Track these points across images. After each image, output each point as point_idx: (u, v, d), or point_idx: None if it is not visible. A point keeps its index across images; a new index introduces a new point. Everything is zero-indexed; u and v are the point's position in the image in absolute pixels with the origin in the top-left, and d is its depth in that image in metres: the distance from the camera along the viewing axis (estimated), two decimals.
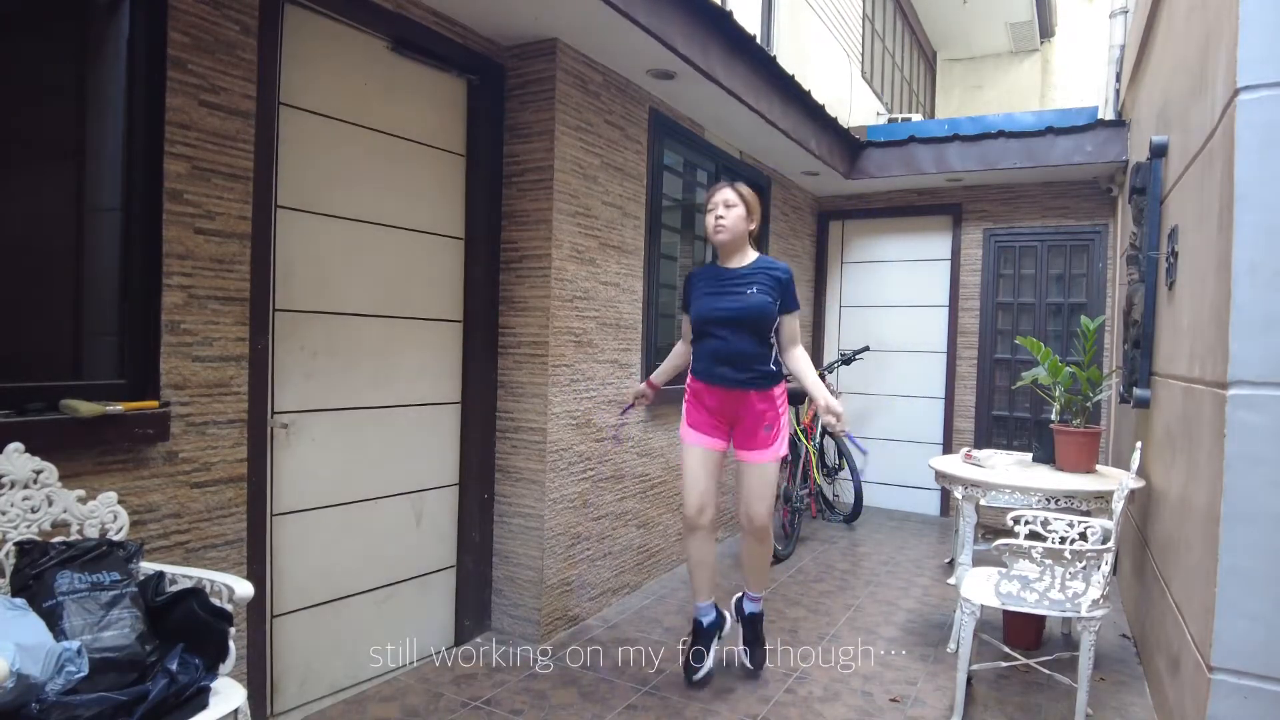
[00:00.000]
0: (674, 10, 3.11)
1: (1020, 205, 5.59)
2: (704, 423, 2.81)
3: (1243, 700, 1.79)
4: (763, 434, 2.74)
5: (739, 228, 2.77)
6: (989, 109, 10.48)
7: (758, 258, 2.84)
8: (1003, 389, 5.69)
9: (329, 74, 2.61)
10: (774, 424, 2.76)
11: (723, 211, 2.76)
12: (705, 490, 2.79)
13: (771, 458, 2.76)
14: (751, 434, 2.76)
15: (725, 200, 2.77)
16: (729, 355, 2.73)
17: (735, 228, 2.76)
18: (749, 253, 2.84)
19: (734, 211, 2.76)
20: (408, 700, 2.69)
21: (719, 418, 2.80)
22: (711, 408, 2.79)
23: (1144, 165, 3.17)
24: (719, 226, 2.76)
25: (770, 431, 2.75)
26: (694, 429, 2.83)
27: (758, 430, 2.74)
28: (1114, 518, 2.60)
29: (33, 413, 1.81)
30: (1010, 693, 2.89)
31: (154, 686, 1.49)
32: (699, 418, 2.82)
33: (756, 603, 2.98)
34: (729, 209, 2.76)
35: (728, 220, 2.75)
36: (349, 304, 2.70)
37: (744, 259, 2.83)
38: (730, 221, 2.75)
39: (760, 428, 2.74)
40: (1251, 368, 1.78)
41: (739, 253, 2.83)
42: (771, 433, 2.75)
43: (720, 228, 2.76)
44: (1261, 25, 1.79)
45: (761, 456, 2.75)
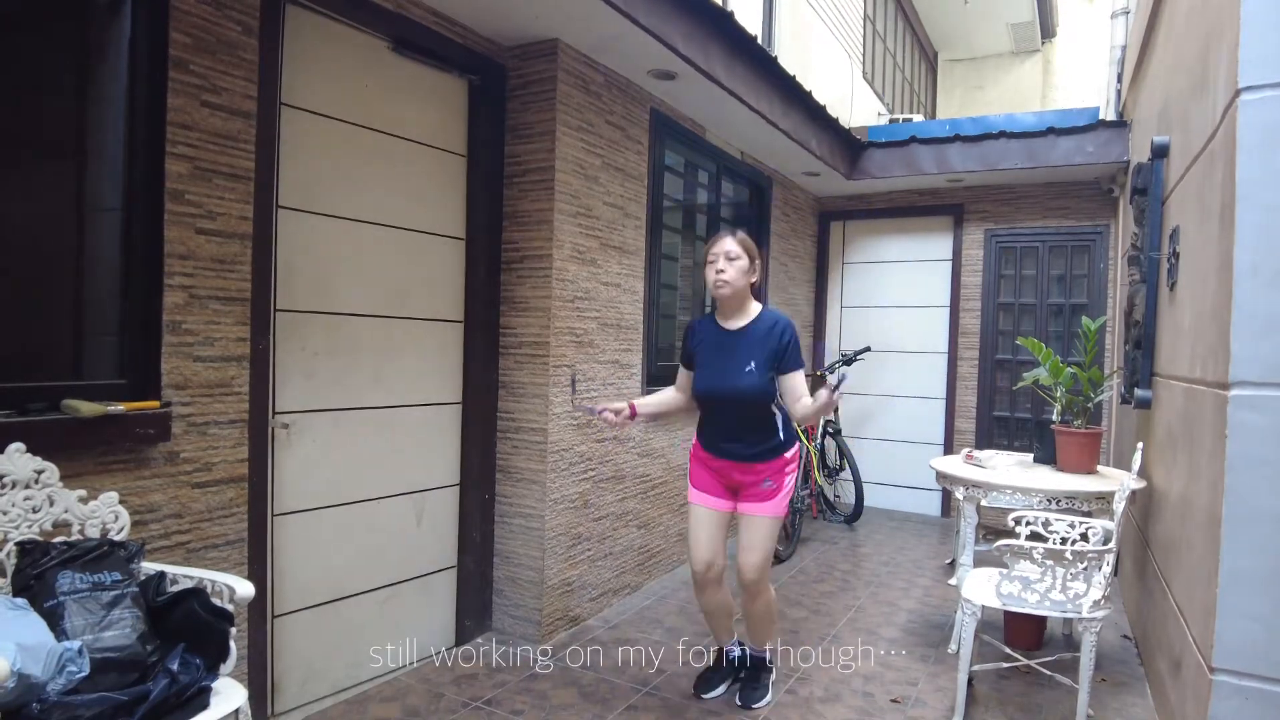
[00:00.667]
0: (675, 11, 3.11)
1: (1021, 206, 5.59)
2: (709, 484, 2.71)
3: (1244, 701, 1.79)
4: (762, 489, 2.63)
5: (741, 282, 2.59)
6: (990, 109, 10.47)
7: (759, 314, 2.66)
8: (1004, 390, 5.68)
9: (330, 74, 2.61)
10: (777, 481, 2.63)
11: (724, 265, 2.58)
12: (711, 548, 2.67)
13: (769, 512, 2.62)
14: (752, 490, 2.64)
15: (726, 252, 2.58)
16: (731, 433, 2.62)
17: (737, 281, 2.58)
18: (750, 307, 2.67)
19: (736, 265, 2.58)
20: (409, 700, 2.69)
21: (722, 483, 2.69)
22: (716, 474, 2.69)
23: (1145, 166, 3.17)
24: (720, 281, 2.58)
25: (769, 487, 2.62)
26: (700, 490, 2.72)
27: (758, 485, 2.63)
28: (1115, 518, 2.60)
29: (34, 413, 1.81)
30: (1011, 693, 2.89)
31: (155, 686, 1.49)
32: (704, 480, 2.72)
33: (759, 653, 2.83)
34: (730, 262, 2.58)
35: (729, 275, 2.57)
36: (350, 304, 2.71)
37: (744, 316, 2.66)
38: (732, 276, 2.57)
39: (760, 483, 2.63)
40: (1253, 368, 1.78)
41: (740, 309, 2.66)
42: (771, 488, 2.62)
43: (722, 283, 2.58)
44: (1263, 26, 1.78)
45: (758, 509, 2.62)
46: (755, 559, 2.61)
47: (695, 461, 2.75)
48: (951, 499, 5.52)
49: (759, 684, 2.79)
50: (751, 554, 2.62)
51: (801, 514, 4.95)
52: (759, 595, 2.67)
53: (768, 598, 2.70)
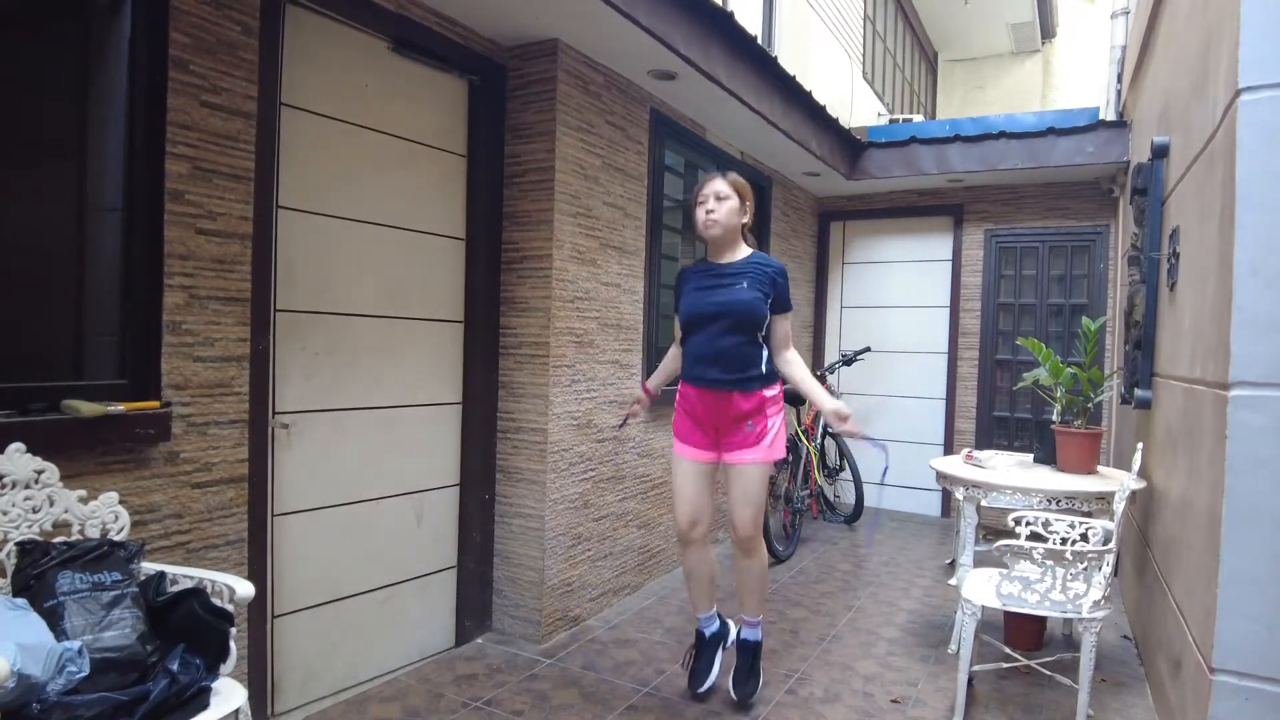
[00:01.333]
0: (675, 11, 3.11)
1: (1021, 206, 5.59)
2: (692, 433, 2.64)
3: (1244, 702, 1.79)
4: (745, 432, 2.53)
5: (731, 221, 2.57)
6: (990, 109, 10.47)
7: (752, 253, 2.65)
8: (1004, 390, 5.68)
9: (330, 74, 2.61)
10: (759, 423, 2.54)
11: (713, 205, 2.56)
12: (695, 504, 2.62)
13: (756, 459, 2.52)
14: (734, 434, 2.56)
15: (716, 192, 2.57)
16: (715, 354, 2.55)
17: (728, 221, 2.56)
18: (742, 247, 2.66)
19: (726, 204, 2.56)
20: (408, 700, 2.69)
21: (706, 425, 2.61)
22: (699, 414, 2.62)
23: (1145, 166, 3.17)
24: (710, 221, 2.57)
25: (754, 430, 2.52)
26: (682, 440, 2.66)
27: (741, 428, 2.54)
28: (1115, 519, 2.60)
29: (34, 413, 1.81)
30: (1011, 693, 2.89)
31: (155, 687, 1.49)
32: (687, 427, 2.65)
33: (753, 628, 2.76)
34: (720, 201, 2.56)
35: (719, 214, 2.55)
36: (350, 304, 2.71)
37: (736, 254, 2.63)
38: (722, 215, 2.55)
39: (742, 426, 2.54)
40: (1253, 369, 1.78)
41: (732, 247, 2.63)
42: (755, 431, 2.52)
43: (711, 222, 2.56)
44: (1263, 26, 1.78)
45: (744, 457, 2.52)
46: (748, 513, 2.53)
47: (679, 410, 2.69)
48: (951, 499, 5.52)
49: (751, 671, 2.74)
50: (744, 508, 2.54)
51: (802, 514, 4.95)
52: (754, 551, 2.60)
53: (762, 556, 2.63)
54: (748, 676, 2.74)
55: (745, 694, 2.71)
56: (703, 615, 2.82)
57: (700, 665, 2.81)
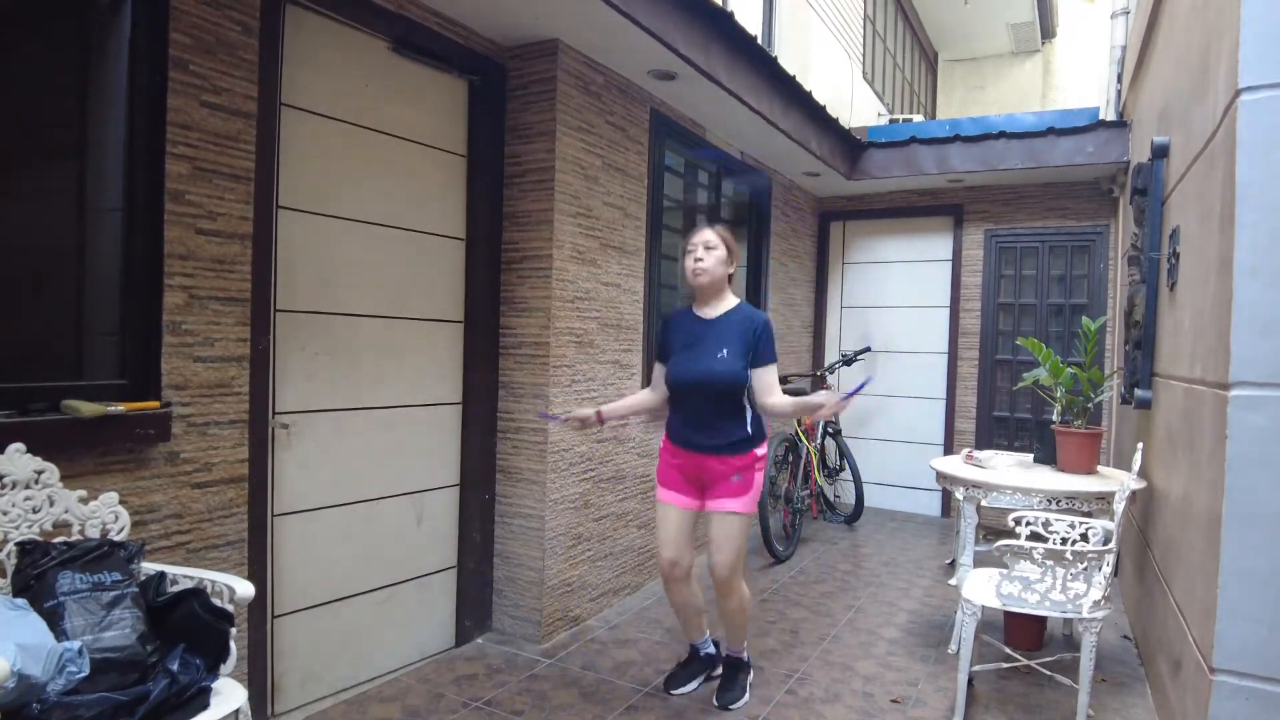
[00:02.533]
0: (675, 11, 3.11)
1: (1021, 206, 5.59)
2: (676, 482, 2.71)
3: (1244, 702, 1.79)
4: (730, 484, 2.61)
5: (718, 272, 2.65)
6: (990, 110, 10.47)
7: (735, 305, 2.71)
8: (1004, 390, 5.68)
9: (330, 74, 2.61)
10: (746, 476, 2.61)
11: (702, 254, 2.64)
12: (677, 545, 2.69)
13: (739, 508, 2.60)
14: (720, 486, 2.62)
15: (705, 242, 2.65)
16: (700, 424, 2.62)
17: (714, 271, 2.64)
18: (727, 298, 2.72)
19: (714, 254, 2.64)
20: (408, 700, 2.69)
21: (690, 479, 2.68)
22: (684, 469, 2.68)
23: (1145, 166, 3.17)
24: (699, 270, 2.65)
25: (739, 482, 2.60)
26: (666, 486, 2.73)
27: (727, 482, 2.61)
28: (1115, 519, 2.60)
29: (34, 413, 1.81)
30: (1011, 693, 2.89)
31: (155, 687, 1.49)
32: (672, 479, 2.71)
33: (736, 653, 2.83)
34: (709, 251, 2.65)
35: (707, 264, 2.64)
36: (350, 304, 2.71)
37: (721, 305, 2.70)
38: (709, 265, 2.64)
39: (729, 479, 2.61)
40: (1253, 369, 1.78)
41: (717, 298, 2.70)
42: (740, 482, 2.60)
43: (700, 270, 2.64)
44: (1263, 26, 1.78)
45: (725, 505, 2.60)
46: (726, 558, 2.60)
47: (663, 458, 2.76)
48: (951, 499, 5.52)
49: (735, 684, 2.78)
50: (722, 553, 2.61)
51: (802, 514, 4.95)
52: (732, 594, 2.66)
53: (741, 596, 2.69)
54: (732, 687, 2.78)
55: (726, 701, 2.74)
56: (696, 642, 2.89)
57: (684, 672, 2.87)
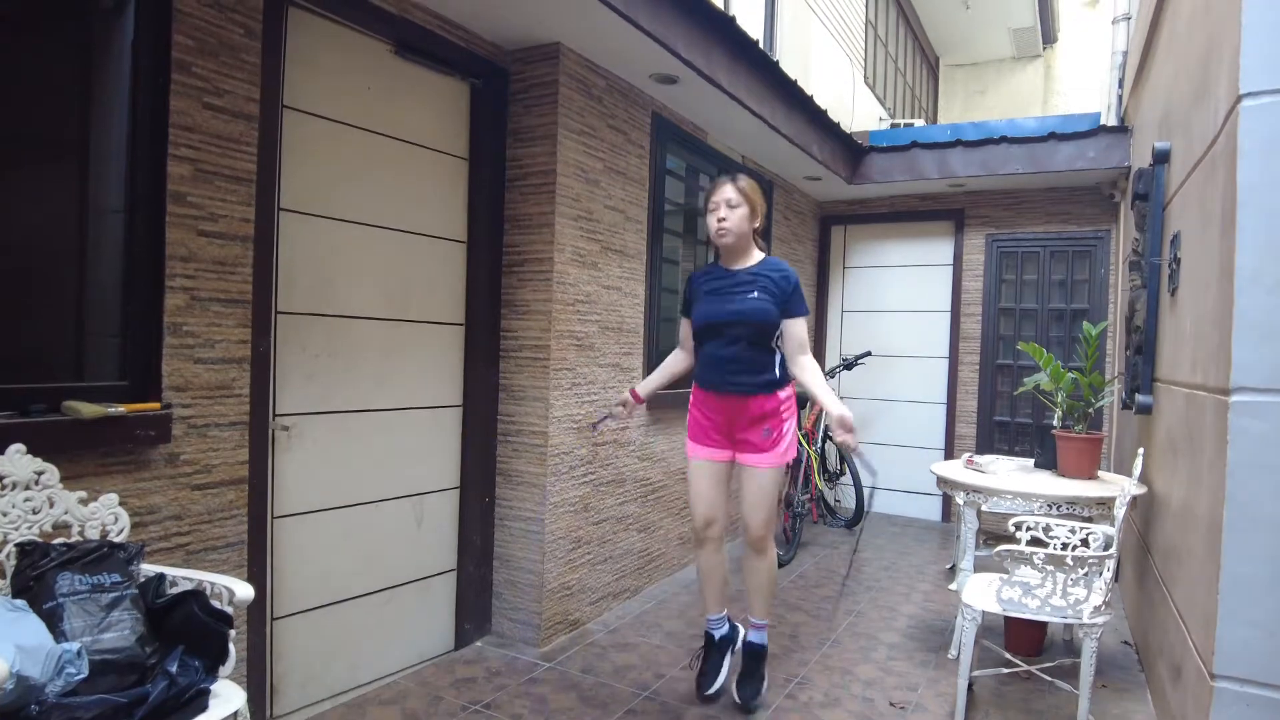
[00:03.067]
0: (677, 15, 3.12)
1: (1023, 211, 5.59)
2: (707, 434, 2.68)
3: (1245, 708, 1.78)
4: (760, 437, 2.58)
5: (743, 228, 2.58)
6: (991, 114, 10.48)
7: (763, 259, 2.66)
8: (1005, 394, 5.68)
9: (332, 77, 2.61)
10: (775, 428, 2.59)
11: (725, 212, 2.57)
12: (711, 503, 2.66)
13: (770, 463, 2.59)
14: (751, 438, 2.61)
15: (727, 199, 2.58)
16: (729, 361, 2.59)
17: (739, 228, 2.57)
18: (754, 253, 2.67)
19: (737, 212, 2.57)
20: (407, 704, 2.69)
21: (721, 428, 2.66)
22: (713, 417, 2.66)
23: (1146, 171, 3.17)
24: (722, 230, 2.58)
25: (770, 436, 2.58)
26: (697, 442, 2.71)
27: (756, 433, 2.59)
28: (1116, 524, 2.59)
29: (35, 414, 1.81)
30: (1012, 699, 2.88)
31: (154, 689, 1.48)
32: (702, 429, 2.69)
33: (759, 631, 2.79)
34: (732, 209, 2.57)
35: (730, 222, 2.56)
36: (351, 307, 2.71)
37: (748, 260, 2.65)
38: (733, 223, 2.56)
39: (759, 431, 2.59)
40: (1254, 374, 1.78)
41: (744, 254, 2.65)
42: (771, 437, 2.58)
43: (724, 230, 2.57)
44: (1264, 32, 1.79)
45: (759, 460, 2.59)
46: (761, 515, 2.61)
47: (693, 411, 2.73)
48: (952, 504, 5.52)
49: (756, 675, 2.77)
50: (757, 510, 2.61)
51: (802, 518, 4.94)
52: (764, 551, 2.67)
53: (771, 556, 2.70)
54: (751, 679, 2.76)
55: (748, 695, 2.72)
56: (713, 617, 2.84)
57: (709, 668, 2.82)
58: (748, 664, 2.80)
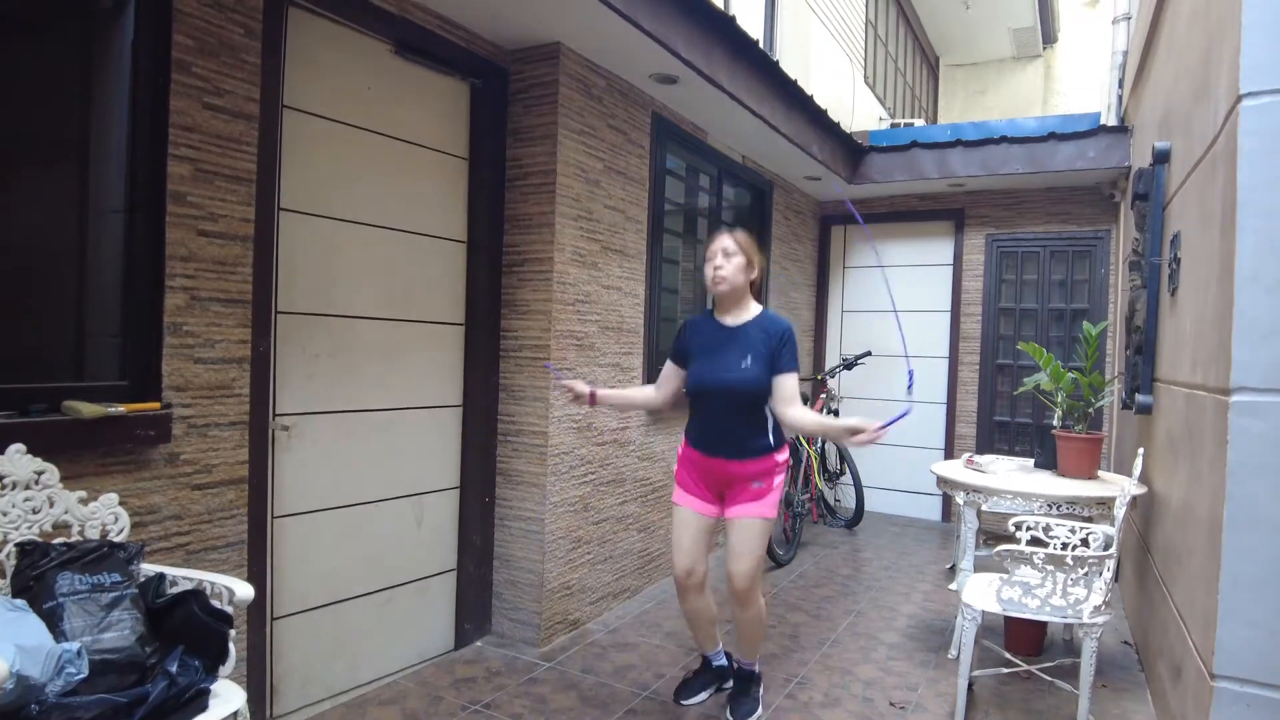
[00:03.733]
0: (677, 15, 3.12)
1: (1023, 210, 5.59)
2: (694, 487, 2.65)
3: (1245, 708, 1.78)
4: (750, 489, 2.56)
5: (738, 279, 2.58)
6: (991, 114, 10.49)
7: (759, 314, 2.64)
8: (1005, 394, 5.68)
9: (332, 77, 2.61)
10: (766, 481, 2.57)
11: (721, 261, 2.58)
12: (693, 554, 2.62)
13: (758, 514, 2.54)
14: (740, 491, 2.58)
15: (724, 249, 2.59)
16: (721, 431, 2.57)
17: (734, 279, 2.57)
18: (749, 306, 2.65)
19: (733, 261, 2.57)
20: (407, 704, 2.69)
21: (710, 485, 2.63)
22: (704, 476, 2.64)
23: (1147, 171, 3.17)
24: (718, 278, 2.58)
25: (759, 488, 2.56)
26: (684, 490, 2.68)
27: (747, 488, 2.57)
28: (1116, 524, 2.59)
29: (35, 414, 1.81)
30: (1012, 699, 2.88)
31: (154, 688, 1.48)
32: (690, 481, 2.67)
33: (749, 666, 2.76)
34: (728, 258, 2.57)
35: (726, 271, 2.57)
36: (351, 307, 2.71)
37: (742, 314, 2.63)
38: (729, 272, 2.57)
39: (749, 485, 2.56)
40: (1254, 374, 1.78)
41: (738, 305, 2.64)
42: (760, 489, 2.56)
43: (720, 279, 2.58)
44: (1264, 32, 1.79)
45: (745, 511, 2.55)
46: (746, 566, 2.53)
47: (682, 462, 2.70)
48: (952, 504, 5.52)
49: (748, 695, 2.72)
50: (742, 561, 2.54)
51: (802, 518, 4.94)
52: (749, 604, 2.59)
53: (758, 607, 2.62)
54: (744, 699, 2.72)
55: (741, 715, 2.68)
56: (709, 654, 2.82)
57: (693, 683, 2.81)
58: (739, 685, 2.77)
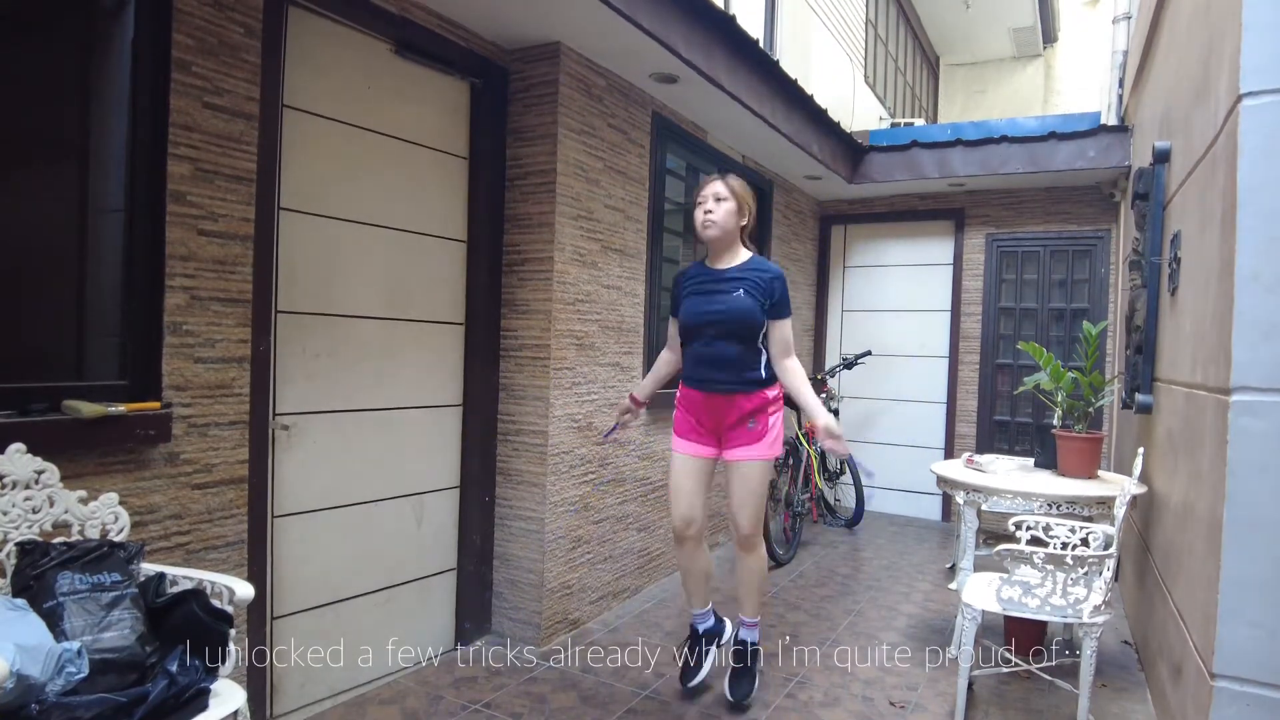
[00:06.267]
0: (677, 14, 3.12)
1: (1023, 210, 5.59)
2: (692, 430, 2.65)
3: (1245, 708, 1.78)
4: (747, 430, 2.54)
5: (729, 224, 2.57)
6: (992, 114, 10.49)
7: (750, 258, 2.64)
8: (1005, 394, 5.68)
9: (332, 76, 2.61)
10: (761, 420, 2.55)
11: (712, 205, 2.56)
12: (691, 501, 2.62)
13: (755, 455, 2.53)
14: (737, 432, 2.57)
15: (715, 193, 2.58)
16: (715, 360, 2.57)
17: (725, 223, 2.56)
18: (740, 252, 2.65)
19: (724, 206, 2.56)
20: (407, 703, 2.69)
21: (707, 425, 2.63)
22: (699, 414, 2.63)
23: (1147, 170, 3.17)
24: (708, 222, 2.57)
25: (755, 427, 2.53)
26: (681, 436, 2.67)
27: (742, 427, 2.55)
28: (1116, 523, 2.59)
29: (35, 413, 1.81)
30: (1012, 698, 2.88)
31: (154, 688, 1.48)
32: (687, 425, 2.66)
33: (750, 629, 2.78)
34: (719, 203, 2.56)
35: (717, 215, 2.55)
36: (351, 306, 2.71)
37: (734, 258, 2.63)
38: (720, 216, 2.55)
39: (745, 425, 2.55)
40: (1254, 374, 1.78)
41: (729, 251, 2.63)
42: (756, 429, 2.53)
43: (709, 223, 2.57)
44: (1265, 31, 1.78)
45: (744, 454, 2.53)
46: (748, 511, 2.53)
47: (679, 409, 2.70)
48: (952, 503, 5.52)
49: (748, 673, 2.74)
50: (744, 507, 2.54)
51: (802, 518, 4.94)
52: (754, 549, 2.60)
53: (762, 554, 2.63)
54: (744, 678, 2.75)
55: (740, 694, 2.71)
56: (697, 611, 2.83)
57: (693, 659, 2.82)
58: (739, 661, 2.78)
